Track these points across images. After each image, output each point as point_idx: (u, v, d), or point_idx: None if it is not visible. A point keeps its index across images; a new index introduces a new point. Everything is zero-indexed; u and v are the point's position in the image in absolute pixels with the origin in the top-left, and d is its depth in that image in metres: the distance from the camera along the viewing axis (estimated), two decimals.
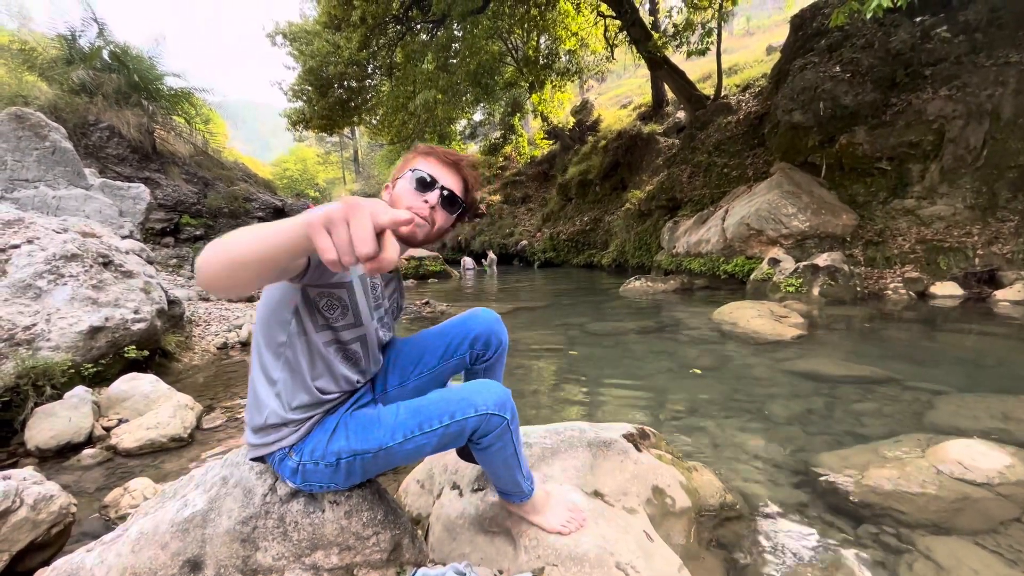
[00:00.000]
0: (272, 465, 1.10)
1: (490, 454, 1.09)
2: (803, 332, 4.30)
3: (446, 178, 1.14)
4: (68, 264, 3.39)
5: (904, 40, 7.34)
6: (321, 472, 1.05)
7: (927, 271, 6.10)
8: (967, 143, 6.44)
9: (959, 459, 1.71)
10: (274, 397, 1.04)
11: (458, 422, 1.02)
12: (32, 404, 2.65)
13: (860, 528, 1.61)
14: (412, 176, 1.12)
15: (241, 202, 8.94)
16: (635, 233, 11.64)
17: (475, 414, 1.02)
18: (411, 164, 1.15)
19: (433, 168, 1.13)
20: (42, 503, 1.49)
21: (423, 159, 1.15)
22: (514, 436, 1.10)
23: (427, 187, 1.11)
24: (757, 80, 13.09)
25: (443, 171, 1.14)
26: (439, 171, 1.14)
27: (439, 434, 1.02)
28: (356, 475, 1.08)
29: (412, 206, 1.09)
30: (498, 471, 1.14)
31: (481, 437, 1.05)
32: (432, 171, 1.13)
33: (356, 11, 12.32)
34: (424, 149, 1.18)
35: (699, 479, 1.70)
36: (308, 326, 1.02)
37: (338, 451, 1.04)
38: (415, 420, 1.03)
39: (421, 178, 1.11)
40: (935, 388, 2.81)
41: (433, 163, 1.14)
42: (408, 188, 1.11)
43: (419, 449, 1.04)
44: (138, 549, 1.03)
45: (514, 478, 1.16)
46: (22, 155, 4.87)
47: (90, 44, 8.47)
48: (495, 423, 1.04)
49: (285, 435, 1.05)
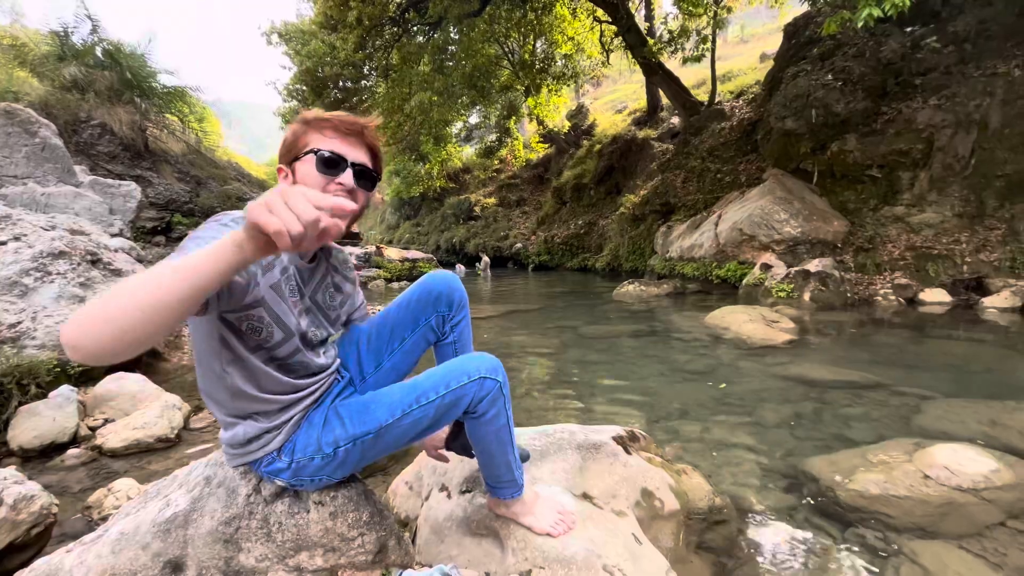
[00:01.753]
0: (256, 470, 1.08)
1: (485, 425, 1.07)
2: (794, 337, 4.33)
3: (353, 152, 1.00)
4: (55, 262, 3.35)
5: (895, 50, 7.45)
6: (317, 465, 1.04)
7: (916, 277, 6.17)
8: (955, 152, 6.53)
9: (946, 464, 1.72)
10: (240, 421, 1.02)
11: (453, 391, 1.01)
12: (16, 403, 2.61)
13: (847, 532, 1.62)
14: (316, 158, 0.96)
15: (234, 201, 8.87)
16: (629, 237, 11.69)
17: (468, 380, 1.02)
18: (307, 140, 0.99)
19: (335, 144, 0.98)
20: (22, 503, 1.47)
21: (318, 134, 0.99)
22: (507, 404, 1.09)
23: (335, 167, 0.97)
24: (751, 87, 13.21)
25: (346, 144, 0.99)
26: (343, 146, 0.99)
27: (436, 405, 1.01)
28: (353, 462, 1.06)
29: (322, 189, 0.96)
30: (491, 448, 1.12)
31: (477, 404, 1.04)
32: (335, 147, 0.98)
33: (352, 12, 12.32)
34: (315, 120, 1.00)
35: (688, 482, 1.70)
36: (241, 351, 0.95)
37: (335, 440, 1.03)
38: (412, 395, 1.03)
39: (325, 158, 0.96)
40: (923, 393, 2.84)
41: (333, 137, 0.98)
42: (313, 172, 0.96)
43: (416, 424, 1.02)
44: (118, 550, 1.01)
45: (507, 458, 1.14)
46: (11, 151, 4.81)
47: (83, 41, 8.39)
48: (489, 386, 1.03)
49: (267, 441, 1.03)
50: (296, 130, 1.01)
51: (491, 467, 1.16)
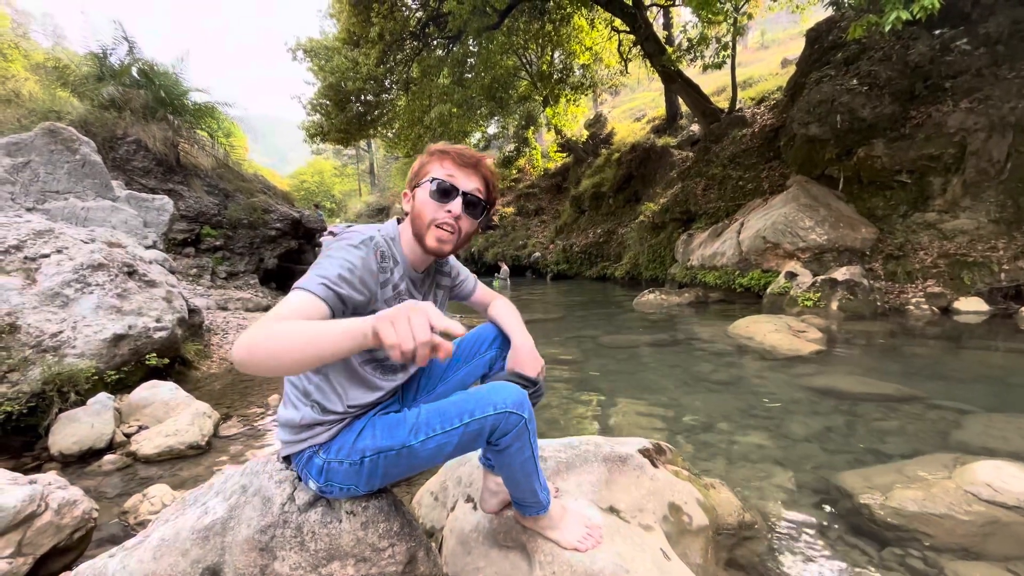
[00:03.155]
0: (298, 466, 1.13)
1: (508, 456, 1.08)
2: (821, 347, 4.22)
3: (467, 182, 1.11)
4: (94, 273, 3.49)
5: (923, 53, 7.27)
6: (344, 471, 1.07)
7: (950, 286, 5.96)
8: (990, 156, 6.32)
9: (988, 481, 1.66)
10: (308, 406, 1.08)
11: (477, 420, 1.02)
12: (57, 410, 2.71)
13: (885, 551, 1.56)
14: (432, 186, 1.09)
15: (260, 213, 9.11)
16: (649, 246, 11.59)
17: (494, 412, 1.03)
18: (428, 169, 1.12)
19: (452, 172, 1.10)
20: (66, 508, 1.53)
21: (439, 164, 1.11)
22: (531, 437, 1.10)
23: (448, 195, 1.09)
24: (772, 93, 13.04)
25: (462, 174, 1.11)
26: (458, 175, 1.10)
27: (459, 432, 1.03)
28: (377, 476, 1.09)
29: (436, 217, 1.08)
30: (516, 476, 1.13)
31: (500, 437, 1.05)
32: (451, 176, 1.10)
33: (375, 28, 12.62)
34: (438, 152, 1.13)
35: (716, 496, 1.67)
36: None
37: (363, 448, 1.06)
38: (436, 419, 1.05)
39: (441, 186, 1.09)
40: (961, 407, 2.73)
41: (451, 167, 1.11)
42: (429, 199, 1.09)
43: (440, 448, 1.04)
44: (159, 556, 1.04)
45: (532, 486, 1.15)
46: (54, 168, 5.05)
47: (120, 61, 8.78)
48: (513, 421, 1.04)
49: (318, 433, 1.09)
50: (422, 159, 1.15)
51: (516, 491, 1.18)
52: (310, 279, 0.91)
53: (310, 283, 0.90)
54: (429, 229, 1.09)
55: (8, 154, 4.88)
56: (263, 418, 3.11)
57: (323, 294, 0.90)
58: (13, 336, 2.87)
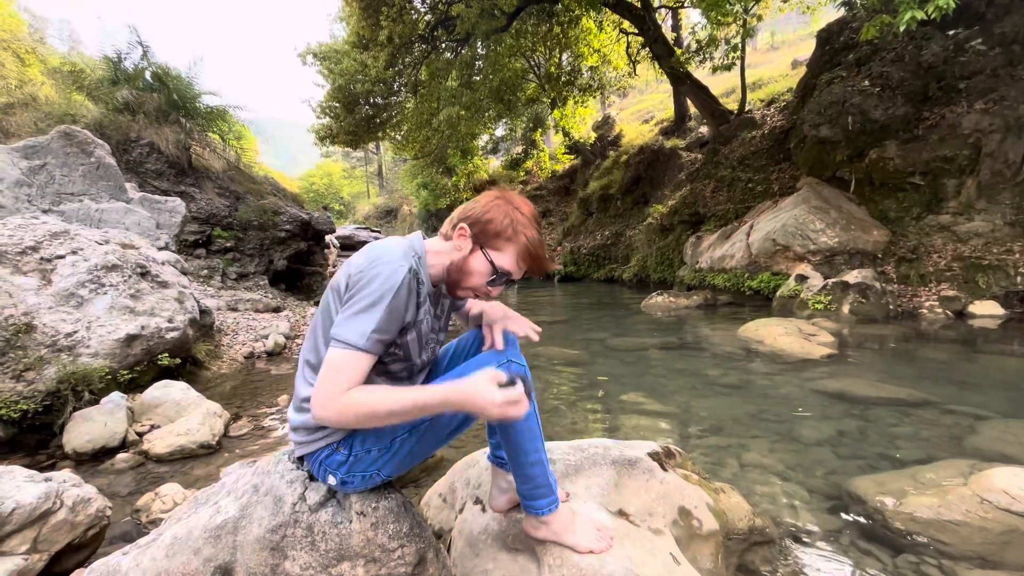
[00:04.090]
0: (313, 464, 1.14)
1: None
2: (833, 351, 4.17)
3: (520, 271, 1.15)
4: (108, 274, 3.54)
5: (937, 53, 7.18)
6: (372, 458, 1.10)
7: (965, 289, 5.87)
8: (1006, 157, 6.22)
9: (1005, 488, 1.63)
10: None
11: None
12: (71, 408, 2.75)
13: (899, 558, 1.54)
14: (494, 271, 1.11)
15: (270, 215, 9.19)
16: (657, 248, 11.53)
17: (498, 364, 1.08)
18: (506, 249, 1.12)
19: (514, 265, 1.13)
20: (80, 505, 1.55)
21: (520, 258, 1.12)
22: (531, 393, 1.12)
23: (500, 278, 1.13)
24: (782, 95, 12.94)
25: (522, 266, 1.14)
26: (517, 267, 1.14)
27: None
28: (401, 456, 1.12)
29: (479, 288, 1.13)
30: (523, 443, 1.13)
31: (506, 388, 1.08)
32: (513, 269, 1.13)
33: (384, 31, 12.70)
34: (521, 230, 1.11)
35: (727, 501, 1.65)
36: None
37: (393, 430, 1.09)
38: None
39: (501, 277, 1.13)
40: (976, 412, 2.69)
41: (519, 259, 1.13)
42: (483, 272, 1.12)
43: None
44: (172, 554, 1.05)
45: (539, 456, 1.15)
46: (69, 170, 5.13)
47: (134, 65, 8.92)
48: (515, 370, 1.08)
49: (333, 431, 1.10)
50: (509, 228, 1.11)
51: (524, 466, 1.16)
52: (355, 331, 0.98)
53: (356, 338, 0.97)
54: (466, 291, 1.16)
55: (25, 157, 4.97)
56: (273, 418, 3.13)
57: (372, 349, 0.99)
58: (29, 336, 2.91)
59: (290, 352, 5.24)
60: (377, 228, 22.35)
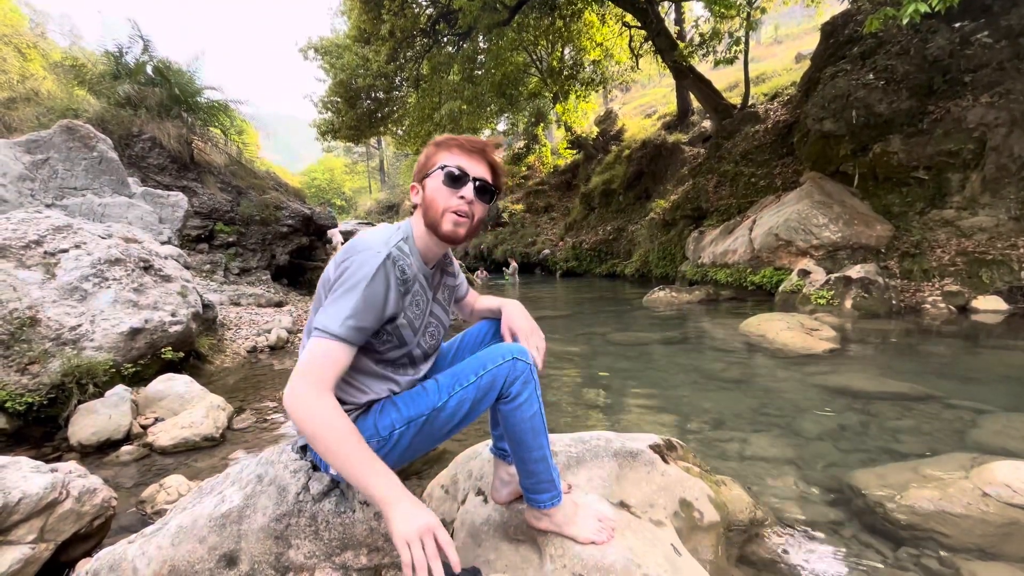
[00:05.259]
0: (314, 455, 1.15)
1: (518, 411, 1.11)
2: (835, 346, 4.17)
3: (475, 167, 1.13)
4: (112, 268, 3.55)
5: (942, 46, 7.12)
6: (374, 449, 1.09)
7: (968, 284, 5.85)
8: (1011, 151, 6.18)
9: (1007, 481, 1.63)
10: None
11: (489, 371, 1.08)
12: (76, 401, 2.77)
13: (900, 550, 1.55)
14: (442, 173, 1.10)
15: (272, 210, 9.19)
16: (659, 243, 11.52)
17: (502, 361, 1.09)
18: (435, 159, 1.13)
19: (460, 160, 1.12)
20: (86, 496, 1.56)
21: (447, 152, 1.13)
22: (537, 389, 1.13)
23: (459, 182, 1.10)
24: (786, 88, 12.86)
25: (470, 161, 1.12)
26: (466, 162, 1.12)
27: (475, 386, 1.08)
28: (400, 450, 1.12)
29: (450, 204, 1.09)
30: (527, 439, 1.13)
31: (510, 386, 1.09)
32: (460, 163, 1.11)
33: (385, 25, 12.66)
34: (444, 141, 1.15)
35: (728, 493, 1.66)
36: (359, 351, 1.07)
37: (391, 423, 1.09)
38: (453, 379, 1.11)
39: (451, 174, 1.10)
40: (978, 407, 2.69)
41: (458, 154, 1.12)
42: (440, 186, 1.10)
43: (459, 406, 1.09)
44: (177, 542, 1.06)
45: (543, 452, 1.15)
46: (72, 165, 5.14)
47: (135, 60, 8.90)
48: (520, 368, 1.09)
49: None
50: (427, 151, 1.16)
51: (527, 462, 1.16)
52: (332, 319, 0.97)
53: (333, 325, 0.96)
54: (444, 215, 1.10)
55: (28, 151, 4.98)
56: (276, 412, 3.15)
57: (349, 336, 0.97)
58: (34, 329, 2.93)
59: (292, 346, 5.26)
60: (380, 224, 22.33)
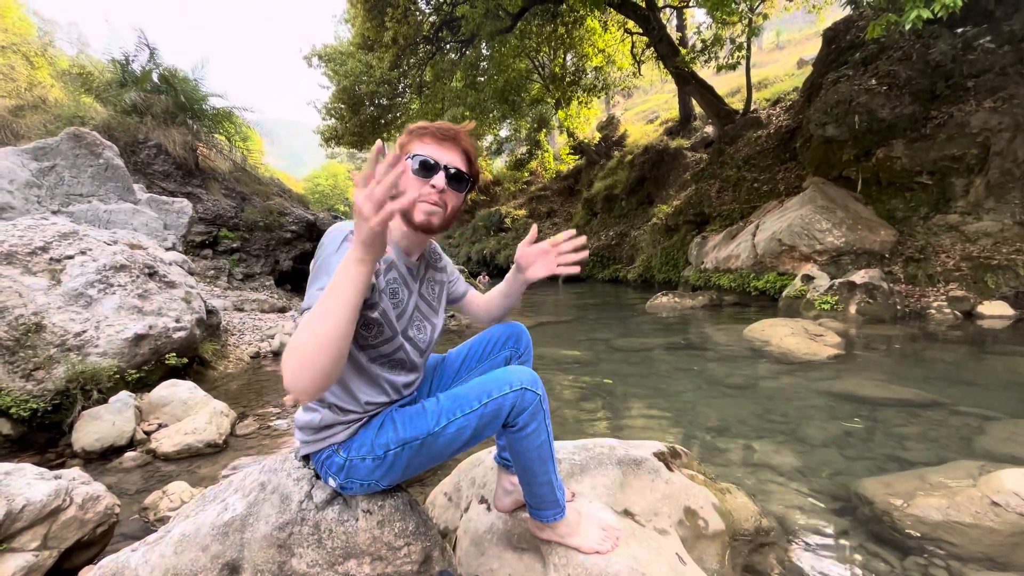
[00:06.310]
0: (316, 465, 1.14)
1: (526, 440, 1.08)
2: (840, 351, 4.14)
3: (447, 155, 1.09)
4: (117, 274, 3.57)
5: (944, 52, 7.12)
6: (367, 467, 1.08)
7: (974, 289, 5.81)
8: (1015, 156, 6.16)
9: (1016, 490, 1.61)
10: (326, 408, 1.10)
11: (495, 400, 1.04)
12: (80, 407, 2.78)
13: (907, 560, 1.53)
14: (414, 163, 1.06)
15: (276, 216, 9.23)
16: (662, 248, 11.50)
17: (510, 390, 1.05)
18: (408, 148, 1.09)
19: (431, 149, 1.07)
20: (89, 503, 1.56)
21: (418, 141, 1.09)
22: (546, 419, 1.11)
23: (430, 171, 1.06)
24: (788, 94, 12.88)
25: (442, 149, 1.08)
26: (438, 151, 1.08)
27: (478, 414, 1.05)
28: (400, 469, 1.09)
29: (421, 194, 1.06)
30: (533, 465, 1.11)
31: (517, 416, 1.06)
32: (432, 152, 1.07)
33: (388, 32, 12.75)
34: (417, 130, 1.11)
35: (733, 501, 1.64)
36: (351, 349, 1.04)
37: (386, 443, 1.07)
38: (455, 404, 1.07)
39: (423, 162, 1.06)
40: (986, 413, 2.66)
41: (430, 143, 1.08)
42: (412, 176, 1.06)
43: (460, 432, 1.06)
44: (180, 551, 1.06)
45: (548, 477, 1.14)
46: (78, 171, 5.18)
47: (141, 67, 9.00)
48: (529, 399, 1.06)
49: (336, 432, 1.10)
50: (401, 140, 1.12)
51: (532, 486, 1.16)
52: (309, 297, 0.95)
53: (310, 301, 0.93)
54: (416, 205, 1.06)
55: (35, 158, 5.02)
56: (279, 418, 3.15)
57: None
58: (39, 335, 2.94)
59: None
60: None
